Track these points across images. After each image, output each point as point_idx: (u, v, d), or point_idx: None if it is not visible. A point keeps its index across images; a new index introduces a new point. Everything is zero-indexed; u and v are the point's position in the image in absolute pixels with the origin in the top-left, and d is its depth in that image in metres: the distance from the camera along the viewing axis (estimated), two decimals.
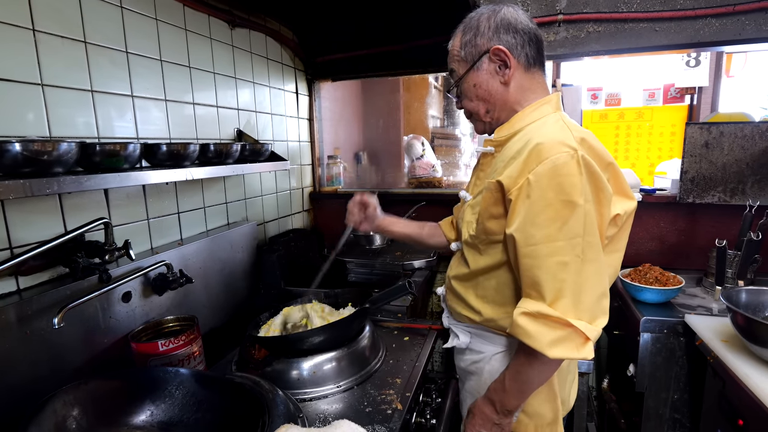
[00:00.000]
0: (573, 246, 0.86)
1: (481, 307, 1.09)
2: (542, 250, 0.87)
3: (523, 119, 1.03)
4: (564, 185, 0.86)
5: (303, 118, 2.40)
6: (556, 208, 0.86)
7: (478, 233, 1.04)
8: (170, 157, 1.28)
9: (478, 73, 1.04)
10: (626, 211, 0.98)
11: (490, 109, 1.07)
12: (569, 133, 0.91)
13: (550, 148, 0.88)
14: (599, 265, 0.89)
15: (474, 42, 1.03)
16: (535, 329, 0.88)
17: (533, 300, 0.90)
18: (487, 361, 1.12)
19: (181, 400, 1.06)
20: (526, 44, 1.01)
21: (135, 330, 1.24)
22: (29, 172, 0.91)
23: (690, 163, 1.85)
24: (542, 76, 1.06)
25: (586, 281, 0.87)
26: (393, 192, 2.37)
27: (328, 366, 1.28)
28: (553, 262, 0.87)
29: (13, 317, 0.99)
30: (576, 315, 0.87)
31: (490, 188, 0.98)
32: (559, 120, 0.98)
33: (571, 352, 0.87)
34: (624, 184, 1.00)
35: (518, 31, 1.00)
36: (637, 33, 1.89)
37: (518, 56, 1.01)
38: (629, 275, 1.66)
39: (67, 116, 1.14)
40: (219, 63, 1.71)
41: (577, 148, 0.88)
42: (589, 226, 0.87)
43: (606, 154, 0.96)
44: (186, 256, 1.48)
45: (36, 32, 1.07)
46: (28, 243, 1.07)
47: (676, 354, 1.46)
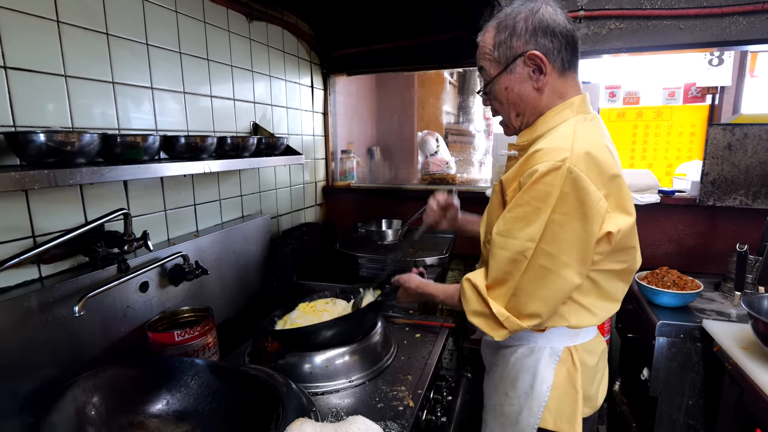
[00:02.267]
0: (525, 248, 0.91)
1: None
2: (500, 241, 0.95)
3: (545, 123, 1.02)
4: (539, 191, 0.88)
5: (318, 112, 2.40)
6: (525, 210, 0.91)
7: (486, 234, 1.06)
8: (188, 149, 1.29)
9: (511, 76, 1.01)
10: (620, 230, 0.93)
11: (521, 113, 1.05)
12: (569, 144, 0.89)
13: (542, 155, 0.90)
14: (553, 276, 0.92)
15: (509, 43, 0.99)
16: (469, 295, 1.01)
17: (481, 274, 1.01)
18: (513, 354, 1.13)
19: (196, 390, 1.08)
20: (563, 48, 0.97)
21: (151, 319, 1.26)
22: (53, 162, 0.93)
23: (711, 165, 1.81)
24: (575, 78, 1.03)
25: (528, 284, 0.93)
26: (406, 188, 2.36)
27: (340, 360, 1.29)
28: (504, 255, 0.94)
29: (35, 304, 1.00)
30: (505, 304, 0.96)
31: (495, 190, 1.02)
32: (570, 127, 0.95)
33: (485, 328, 0.99)
34: (626, 199, 0.95)
35: (556, 34, 0.96)
36: (660, 30, 1.85)
37: (554, 61, 0.98)
38: (646, 278, 1.64)
39: (88, 107, 1.16)
40: (236, 56, 1.71)
41: (566, 159, 0.86)
42: (549, 236, 0.89)
43: (611, 166, 0.91)
44: (201, 247, 1.49)
45: (60, 24, 1.08)
46: (50, 232, 1.09)
47: (693, 359, 1.44)
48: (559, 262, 0.90)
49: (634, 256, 1.01)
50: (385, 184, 2.45)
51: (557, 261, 0.90)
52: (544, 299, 0.93)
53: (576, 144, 0.89)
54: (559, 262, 0.90)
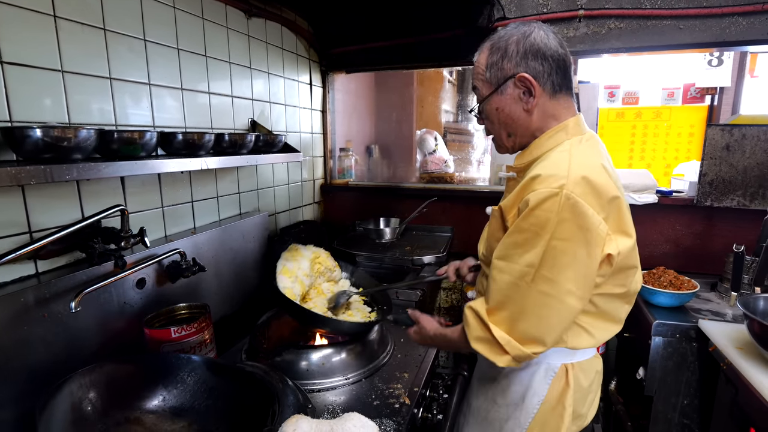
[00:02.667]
0: (524, 273, 0.91)
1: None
2: (500, 265, 0.95)
3: (540, 147, 1.03)
4: (538, 218, 0.88)
5: (316, 110, 2.39)
6: (525, 237, 0.91)
7: (487, 254, 1.06)
8: (186, 146, 1.29)
9: (502, 97, 1.02)
10: (621, 252, 0.93)
11: (512, 133, 1.06)
12: (566, 168, 0.90)
13: (540, 182, 0.90)
14: (553, 301, 0.90)
15: (500, 65, 1.00)
16: (471, 322, 0.98)
17: (482, 301, 0.99)
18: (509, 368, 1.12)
19: (192, 386, 1.08)
20: (553, 72, 0.98)
21: (148, 316, 1.25)
22: (49, 158, 0.93)
23: (709, 165, 1.82)
24: (568, 99, 1.04)
25: (530, 309, 0.91)
26: (404, 187, 2.36)
27: (336, 358, 1.30)
28: (504, 280, 0.94)
29: (32, 300, 1.00)
30: (508, 330, 0.93)
31: (495, 215, 1.02)
32: (565, 151, 0.96)
33: (488, 353, 0.96)
34: (625, 221, 0.95)
35: (546, 57, 0.97)
36: (660, 30, 1.85)
37: (544, 84, 0.99)
38: (643, 278, 1.64)
39: (85, 103, 1.15)
40: (235, 52, 1.71)
41: (564, 186, 0.86)
42: (548, 261, 0.88)
43: (609, 188, 0.91)
44: (199, 244, 1.49)
45: (57, 19, 1.07)
46: (47, 228, 1.09)
47: (688, 359, 1.45)
48: (560, 288, 0.89)
49: (635, 276, 1.01)
50: (384, 182, 2.45)
51: (558, 287, 0.89)
52: (547, 326, 0.92)
53: (572, 169, 0.90)
54: (560, 288, 0.89)
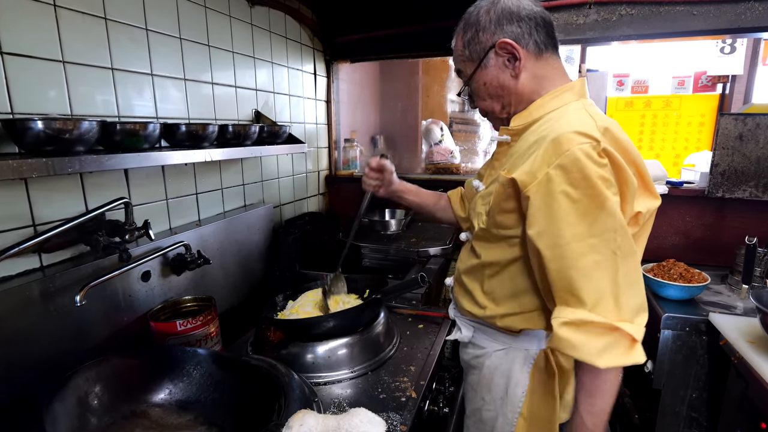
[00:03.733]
0: (607, 242, 0.79)
1: (486, 302, 1.06)
2: (574, 251, 0.80)
3: (542, 107, 0.98)
4: (590, 178, 0.79)
5: (321, 100, 2.36)
6: (585, 204, 0.79)
7: (489, 226, 0.99)
8: (189, 137, 1.27)
9: (487, 70, 0.99)
10: (649, 210, 0.90)
11: (506, 104, 1.02)
12: (592, 123, 0.84)
13: (570, 140, 0.81)
14: (635, 258, 0.83)
15: (477, 39, 0.97)
16: (580, 339, 0.79)
17: (572, 307, 0.81)
18: (488, 357, 1.10)
19: (198, 379, 1.07)
20: (533, 30, 0.94)
21: (154, 309, 1.25)
22: (51, 150, 0.91)
23: (721, 155, 1.78)
24: (557, 60, 1.00)
25: (625, 278, 0.80)
26: (410, 177, 2.32)
27: (342, 351, 1.29)
28: (589, 262, 0.79)
29: (37, 293, 1.00)
30: (618, 316, 0.78)
31: (503, 183, 0.92)
32: (580, 108, 0.91)
33: (621, 358, 0.79)
34: (649, 181, 0.92)
35: (522, 18, 0.94)
36: (672, 16, 1.80)
37: (526, 45, 0.95)
38: (652, 270, 1.62)
39: (87, 94, 1.14)
40: (238, 42, 1.68)
41: (600, 139, 0.81)
42: (621, 219, 0.81)
43: (632, 149, 0.88)
44: (204, 237, 1.48)
45: (57, 8, 1.05)
46: (51, 221, 1.08)
47: (698, 352, 1.43)
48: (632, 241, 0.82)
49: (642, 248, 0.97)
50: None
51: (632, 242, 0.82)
52: (641, 286, 0.82)
53: (597, 121, 0.85)
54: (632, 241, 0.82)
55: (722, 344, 1.30)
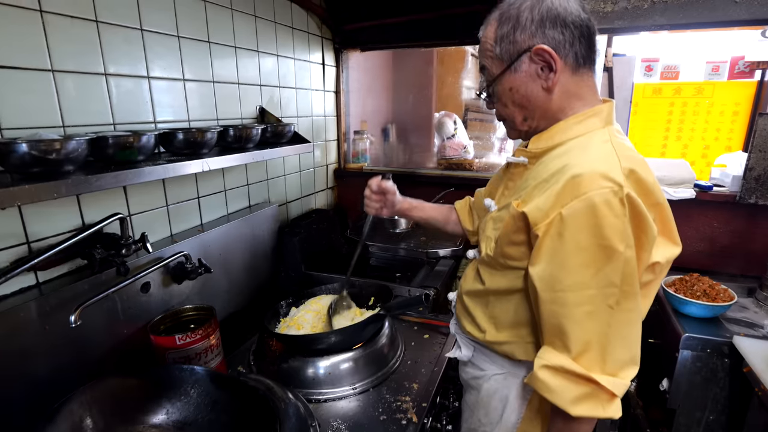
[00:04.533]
0: (606, 296, 0.76)
1: (487, 327, 1.01)
2: (570, 298, 0.77)
3: (565, 131, 0.89)
4: (603, 227, 0.74)
5: (329, 91, 2.28)
6: (592, 253, 0.75)
7: (496, 255, 0.93)
8: (187, 145, 1.22)
9: (516, 75, 0.88)
10: (668, 259, 0.85)
11: (528, 116, 0.93)
12: (616, 163, 0.77)
13: (590, 182, 0.74)
14: (635, 315, 0.79)
15: (512, 37, 0.86)
16: (557, 384, 0.79)
17: (556, 351, 0.81)
18: (486, 380, 1.06)
19: (196, 399, 1.06)
20: (576, 41, 0.84)
21: (154, 320, 1.24)
22: (38, 172, 0.88)
23: (757, 159, 1.65)
24: (591, 78, 0.90)
25: (618, 333, 0.78)
26: (420, 173, 2.26)
27: (344, 366, 1.26)
28: (582, 312, 0.77)
29: (34, 312, 0.99)
30: (602, 369, 0.78)
31: (514, 215, 0.86)
32: (607, 141, 0.83)
33: (596, 410, 0.78)
34: (672, 227, 0.86)
35: (567, 25, 0.83)
36: (711, 4, 1.64)
37: (565, 56, 0.84)
38: (673, 285, 1.53)
39: (80, 103, 1.09)
40: (240, 36, 1.60)
41: (623, 184, 0.74)
42: (627, 276, 0.76)
43: (657, 191, 0.81)
44: (205, 243, 1.45)
45: (43, 13, 1.00)
46: (45, 236, 1.06)
47: (718, 375, 1.36)
48: (637, 297, 0.78)
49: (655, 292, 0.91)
50: (399, 167, 2.35)
51: (638, 299, 0.78)
52: (634, 342, 0.80)
53: (622, 162, 0.77)
54: (637, 297, 0.78)
55: (746, 372, 1.22)
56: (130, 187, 1.25)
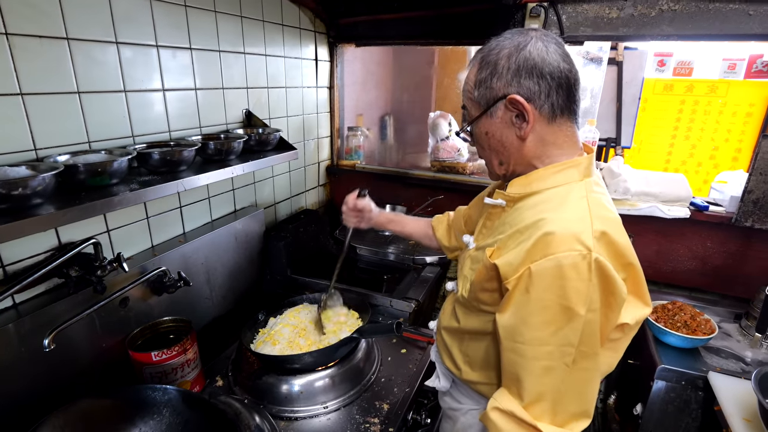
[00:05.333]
0: (563, 354, 0.78)
1: (462, 366, 1.03)
2: (528, 352, 0.80)
3: (543, 180, 0.88)
4: (567, 290, 0.75)
5: (323, 87, 2.22)
6: (553, 312, 0.76)
7: (470, 298, 0.95)
8: (163, 164, 1.21)
9: (492, 120, 0.89)
10: (637, 321, 0.86)
11: (504, 161, 0.93)
12: (588, 224, 0.77)
13: (560, 243, 0.75)
14: (591, 374, 0.81)
15: (489, 83, 0.86)
16: (505, 427, 0.83)
17: (510, 396, 0.84)
18: (463, 413, 1.09)
19: (168, 418, 1.10)
20: (552, 92, 0.83)
21: (130, 335, 1.26)
22: (6, 208, 0.88)
23: (757, 182, 1.59)
24: (571, 126, 0.88)
25: (572, 388, 0.80)
26: (413, 175, 2.22)
27: (319, 383, 1.29)
28: (539, 366, 0.79)
29: (12, 334, 1.01)
30: (551, 420, 0.81)
31: (486, 265, 0.87)
32: (583, 198, 0.83)
33: None
34: (642, 287, 0.86)
35: (544, 75, 0.82)
36: (723, 16, 1.54)
37: (540, 107, 0.84)
38: (655, 312, 1.51)
39: (52, 125, 1.08)
40: (225, 38, 1.55)
41: (592, 248, 0.74)
42: (586, 336, 0.77)
43: (628, 253, 0.81)
44: (186, 254, 1.46)
45: (9, 36, 0.97)
46: (21, 258, 1.07)
47: (691, 406, 1.36)
48: (598, 358, 0.81)
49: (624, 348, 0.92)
50: (392, 167, 2.31)
51: (597, 359, 0.80)
52: (589, 398, 0.83)
53: (595, 224, 0.78)
54: (598, 358, 0.81)
55: (716, 410, 1.22)
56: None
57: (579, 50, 2.03)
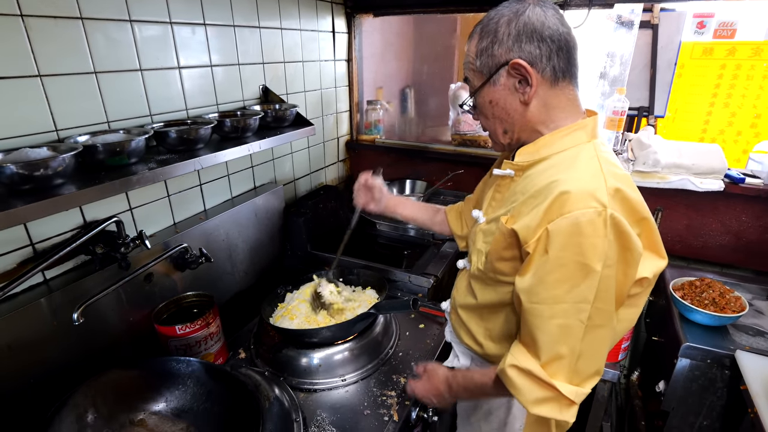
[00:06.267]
0: (579, 310, 0.79)
1: (483, 341, 1.04)
2: (545, 311, 0.81)
3: (551, 145, 0.89)
4: (583, 246, 0.76)
5: (340, 60, 2.18)
6: (570, 269, 0.78)
7: (487, 270, 0.96)
8: (180, 142, 1.23)
9: (495, 88, 0.90)
10: (655, 274, 0.87)
11: (508, 129, 0.93)
12: (602, 182, 0.79)
13: (575, 201, 0.76)
14: (606, 331, 0.82)
15: (491, 51, 0.87)
16: (522, 384, 0.85)
17: (527, 355, 0.85)
18: None
19: (192, 388, 1.15)
20: (553, 55, 0.84)
21: (157, 308, 1.31)
22: (29, 188, 0.91)
23: None
24: (573, 90, 0.89)
25: (587, 347, 0.82)
26: (433, 149, 2.18)
27: (338, 357, 1.32)
28: (554, 325, 0.81)
29: (44, 308, 1.07)
30: (567, 378, 0.83)
31: (504, 232, 0.88)
32: (594, 157, 0.84)
33: (553, 412, 0.84)
34: (657, 241, 0.87)
35: (544, 39, 0.83)
36: None
37: (542, 70, 0.85)
38: (682, 289, 1.46)
39: (71, 105, 1.10)
40: (239, 13, 1.53)
41: (607, 204, 0.76)
42: (602, 293, 0.78)
43: (642, 208, 0.83)
44: (208, 231, 1.49)
45: (24, 17, 0.98)
46: (49, 237, 1.11)
47: (716, 384, 1.33)
48: (612, 315, 0.82)
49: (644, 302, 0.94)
50: (412, 142, 2.27)
51: (611, 316, 0.82)
52: (602, 356, 0.85)
53: (608, 181, 0.79)
54: (612, 315, 0.82)
55: (743, 389, 1.18)
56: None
57: (609, 13, 1.91)
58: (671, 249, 1.89)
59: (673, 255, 1.86)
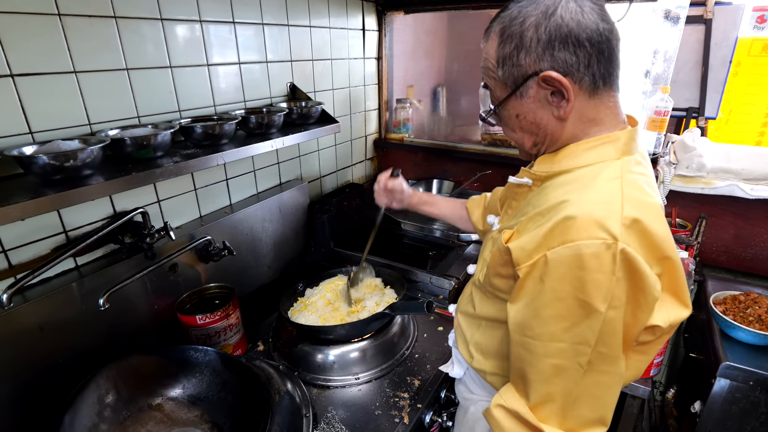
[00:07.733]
0: (577, 353, 0.69)
1: (474, 353, 0.97)
2: (538, 348, 0.72)
3: (575, 157, 0.78)
4: (585, 282, 0.65)
5: (370, 58, 2.17)
6: (569, 305, 0.67)
7: (485, 283, 0.89)
8: (206, 137, 1.26)
9: (523, 101, 0.78)
10: (672, 324, 0.74)
11: (539, 142, 0.83)
12: (618, 209, 0.67)
13: (580, 229, 0.66)
14: (611, 378, 0.71)
15: (516, 60, 0.75)
16: (508, 426, 0.77)
17: (516, 394, 0.77)
18: (474, 403, 1.05)
19: (208, 377, 1.18)
20: (593, 60, 0.72)
21: (180, 298, 1.35)
22: (60, 178, 0.96)
23: None
24: (614, 97, 0.77)
25: (585, 393, 0.71)
26: (461, 149, 2.13)
27: (353, 355, 1.31)
28: (548, 364, 0.71)
29: (75, 292, 1.13)
30: (560, 424, 0.73)
31: (500, 248, 0.79)
32: (616, 178, 0.72)
33: None
34: (681, 285, 0.74)
35: (581, 43, 0.70)
36: None
37: (580, 80, 0.73)
38: (724, 303, 1.35)
39: (104, 100, 1.15)
40: (268, 11, 1.55)
41: (619, 237, 0.64)
42: (606, 336, 0.68)
43: (666, 245, 0.70)
44: (233, 224, 1.53)
45: (62, 16, 1.03)
46: (81, 225, 1.17)
47: (760, 409, 1.22)
48: (620, 362, 0.72)
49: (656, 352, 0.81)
50: (441, 141, 2.23)
51: (618, 362, 0.71)
52: (607, 404, 0.74)
53: (626, 209, 0.67)
54: (620, 362, 0.72)
55: None
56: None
57: (654, 7, 1.80)
58: (716, 260, 1.76)
59: (718, 267, 1.73)
